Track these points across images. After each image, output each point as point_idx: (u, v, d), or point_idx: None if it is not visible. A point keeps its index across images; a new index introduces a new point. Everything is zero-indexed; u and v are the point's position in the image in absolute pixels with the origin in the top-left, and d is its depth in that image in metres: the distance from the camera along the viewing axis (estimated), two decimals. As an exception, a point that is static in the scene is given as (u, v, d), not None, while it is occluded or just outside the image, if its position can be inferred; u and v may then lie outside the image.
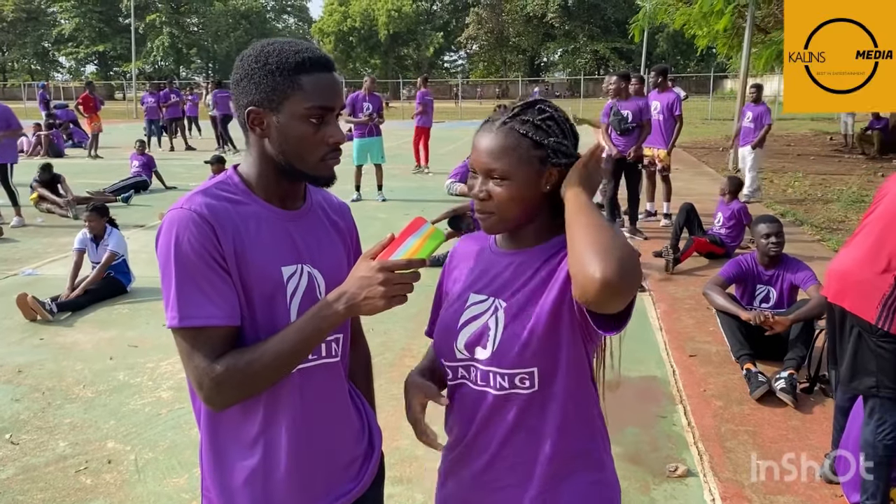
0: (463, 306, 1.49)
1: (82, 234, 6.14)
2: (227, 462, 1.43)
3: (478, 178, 1.42)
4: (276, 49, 1.36)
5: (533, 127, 1.38)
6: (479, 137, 1.43)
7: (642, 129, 7.85)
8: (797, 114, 28.56)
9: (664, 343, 4.89)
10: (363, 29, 60.98)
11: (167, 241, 1.31)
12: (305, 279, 1.42)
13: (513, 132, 1.38)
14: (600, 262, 1.17)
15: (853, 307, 2.80)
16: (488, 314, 1.44)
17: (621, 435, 3.58)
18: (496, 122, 1.41)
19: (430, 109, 13.89)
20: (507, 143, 1.38)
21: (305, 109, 1.35)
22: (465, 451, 1.50)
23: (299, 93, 1.35)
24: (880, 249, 2.73)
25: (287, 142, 1.37)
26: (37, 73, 65.61)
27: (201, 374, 1.31)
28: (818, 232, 8.11)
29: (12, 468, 3.38)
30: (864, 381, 2.79)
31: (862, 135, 16.54)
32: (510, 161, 1.37)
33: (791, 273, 4.53)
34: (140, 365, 4.60)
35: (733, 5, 12.43)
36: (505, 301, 1.43)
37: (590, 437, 1.49)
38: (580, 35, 57.78)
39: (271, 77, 1.34)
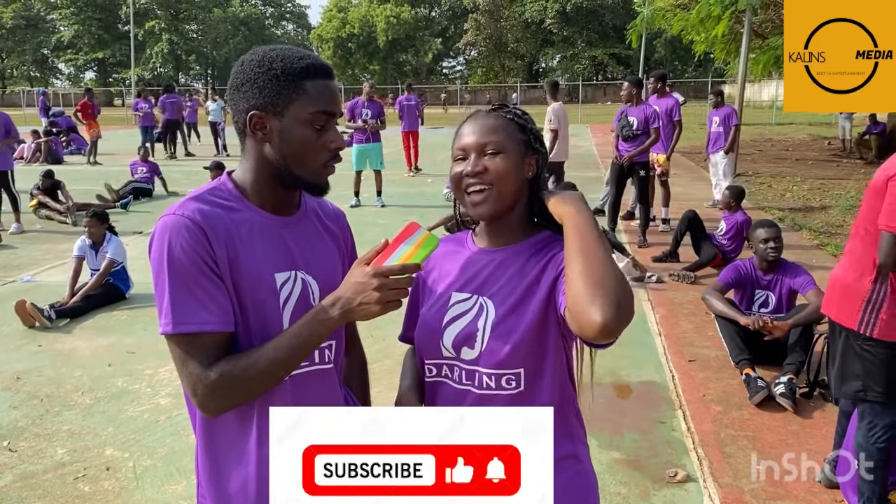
0: (446, 306, 1.49)
1: (81, 240, 6.13)
2: (222, 468, 1.43)
3: (468, 159, 1.45)
4: (281, 54, 1.37)
5: (516, 115, 1.50)
6: (467, 125, 1.49)
7: (648, 136, 7.85)
8: (795, 118, 28.67)
9: (663, 348, 4.88)
10: (362, 35, 61.08)
11: (160, 247, 1.31)
12: (299, 286, 1.42)
13: (500, 116, 1.48)
14: (601, 307, 1.17)
15: (838, 314, 2.81)
16: (473, 312, 1.46)
17: (621, 440, 3.58)
18: (480, 112, 1.50)
19: (409, 113, 14.38)
20: (498, 122, 1.46)
21: (309, 114, 1.36)
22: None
23: (304, 97, 1.36)
24: (861, 254, 2.73)
25: (289, 146, 1.37)
26: (36, 79, 65.70)
27: (195, 381, 1.30)
28: (817, 237, 8.12)
29: (10, 475, 3.37)
30: (851, 385, 2.78)
31: (860, 139, 16.59)
32: (502, 136, 1.45)
33: (790, 278, 4.53)
34: (138, 371, 4.59)
35: (731, 11, 12.46)
36: (490, 299, 1.45)
37: (569, 436, 1.51)
38: (578, 41, 57.89)
39: (276, 81, 1.35)
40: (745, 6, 11.97)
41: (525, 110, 1.53)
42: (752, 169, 14.32)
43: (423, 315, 1.54)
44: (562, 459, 1.46)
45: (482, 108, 1.57)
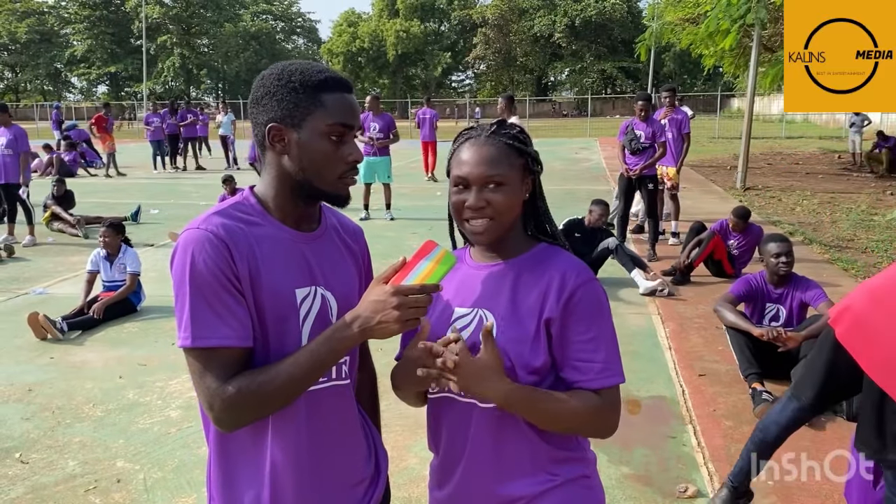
0: (448, 321, 1.51)
1: (95, 254, 6.17)
2: (235, 482, 1.43)
3: (469, 190, 1.45)
4: (299, 68, 1.39)
5: (514, 138, 1.49)
6: (466, 151, 1.48)
7: (655, 150, 7.87)
8: (805, 132, 28.60)
9: (673, 363, 4.87)
10: (372, 49, 61.52)
11: (182, 260, 1.31)
12: (319, 301, 1.43)
13: (500, 143, 1.47)
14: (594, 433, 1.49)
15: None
16: (473, 326, 1.48)
17: (630, 455, 3.56)
18: (480, 136, 1.48)
19: (426, 125, 15.88)
20: (499, 152, 1.46)
21: (327, 126, 1.37)
22: (451, 462, 1.52)
23: (322, 110, 1.37)
24: None
25: (307, 158, 1.38)
26: (49, 93, 66.39)
27: (212, 396, 1.30)
28: (827, 251, 8.08)
29: (22, 487, 3.38)
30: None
31: (870, 153, 16.53)
32: (504, 168, 1.45)
33: (801, 292, 4.51)
34: (149, 384, 4.61)
35: (739, 25, 12.48)
36: (490, 311, 1.47)
37: (575, 446, 1.53)
38: (587, 55, 58.11)
39: (294, 94, 1.36)
40: (753, 21, 12.00)
41: (522, 128, 1.54)
42: (761, 182, 14.30)
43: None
44: (571, 481, 1.49)
45: (481, 123, 1.57)
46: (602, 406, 1.44)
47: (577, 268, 1.47)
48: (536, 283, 1.46)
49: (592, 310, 1.44)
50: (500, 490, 1.47)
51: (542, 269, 1.47)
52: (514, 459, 1.46)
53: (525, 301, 1.45)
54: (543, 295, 1.44)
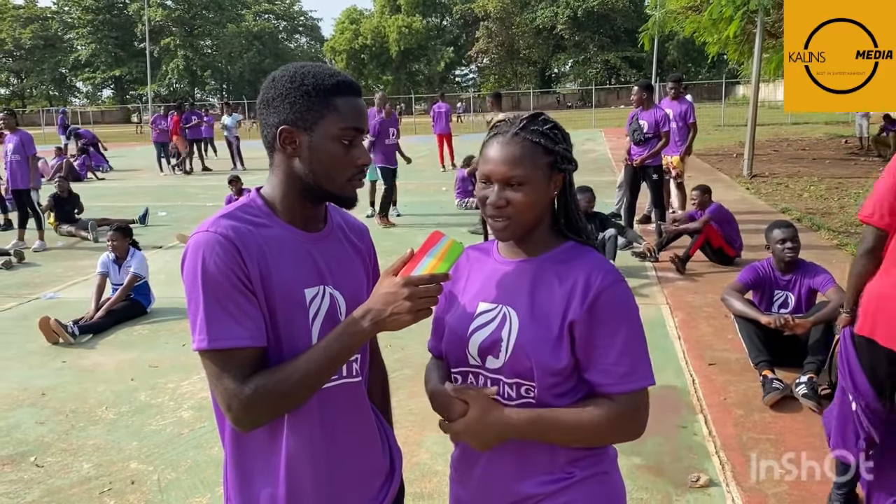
0: (472, 315, 1.51)
1: (105, 256, 6.21)
2: (252, 481, 1.44)
3: (491, 187, 1.45)
4: (311, 71, 1.40)
5: (542, 135, 1.45)
6: (492, 148, 1.46)
7: (659, 139, 7.85)
8: (811, 118, 28.40)
9: (683, 352, 4.86)
10: (374, 46, 61.44)
11: (193, 263, 1.32)
12: (327, 301, 1.44)
13: (526, 141, 1.44)
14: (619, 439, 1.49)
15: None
16: (497, 321, 1.47)
17: (642, 446, 3.56)
18: (507, 133, 1.45)
19: (441, 119, 16.82)
20: (523, 151, 1.43)
21: (339, 130, 1.38)
22: (472, 456, 1.53)
23: (334, 113, 1.38)
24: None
25: (318, 161, 1.39)
26: (54, 98, 66.76)
27: (230, 396, 1.31)
28: (836, 237, 8.04)
29: (38, 490, 3.41)
30: None
31: (877, 137, 16.41)
32: (526, 168, 1.42)
33: (809, 278, 4.49)
34: (161, 385, 4.64)
35: (743, 11, 12.40)
36: (514, 309, 1.46)
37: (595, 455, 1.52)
38: (590, 45, 57.88)
39: (307, 97, 1.37)
40: (756, 6, 11.92)
41: (556, 123, 1.50)
42: (768, 169, 14.22)
43: (451, 323, 1.55)
44: (588, 478, 1.49)
45: (516, 115, 1.51)
46: (622, 411, 1.42)
47: (604, 269, 1.44)
48: (561, 284, 1.44)
49: (618, 312, 1.42)
50: (517, 488, 1.48)
51: (567, 269, 1.46)
52: (534, 457, 1.47)
53: (548, 301, 1.44)
54: (568, 297, 1.42)
